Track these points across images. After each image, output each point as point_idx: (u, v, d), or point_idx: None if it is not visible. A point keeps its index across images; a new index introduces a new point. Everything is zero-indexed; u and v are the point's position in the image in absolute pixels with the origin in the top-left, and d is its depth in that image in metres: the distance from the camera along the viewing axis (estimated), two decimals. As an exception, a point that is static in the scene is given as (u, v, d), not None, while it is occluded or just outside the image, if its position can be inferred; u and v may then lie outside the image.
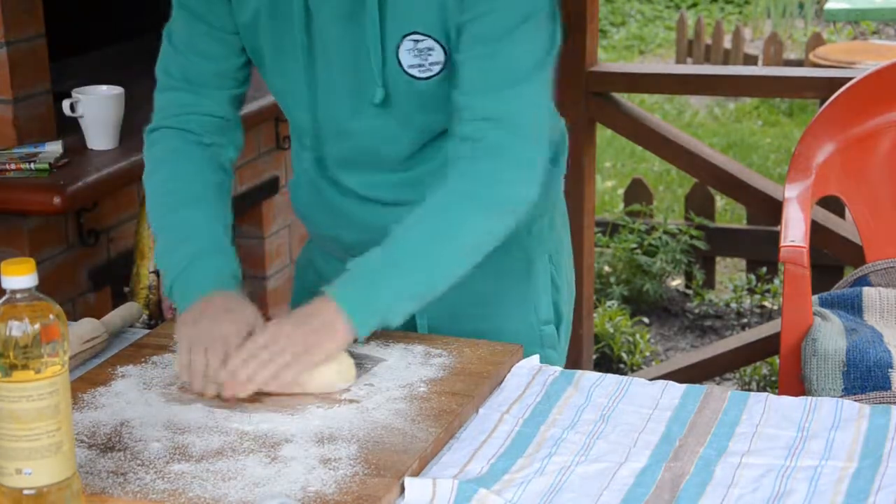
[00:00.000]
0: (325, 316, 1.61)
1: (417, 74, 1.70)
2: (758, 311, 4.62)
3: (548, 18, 1.68)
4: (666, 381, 1.67)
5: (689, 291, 4.75)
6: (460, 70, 1.67)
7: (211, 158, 1.82)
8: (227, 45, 1.79)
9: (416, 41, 1.68)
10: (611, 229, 4.82)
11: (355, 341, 1.63)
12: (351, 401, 1.59)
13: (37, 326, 1.27)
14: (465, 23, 1.65)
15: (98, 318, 1.83)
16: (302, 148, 1.86)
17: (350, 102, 1.75)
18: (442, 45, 1.68)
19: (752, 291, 4.67)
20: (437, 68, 1.69)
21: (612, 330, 4.33)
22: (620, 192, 5.36)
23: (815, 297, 2.54)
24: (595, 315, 4.18)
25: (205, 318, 1.63)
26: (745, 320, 4.57)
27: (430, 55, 1.68)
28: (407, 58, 1.69)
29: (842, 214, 3.78)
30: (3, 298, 1.29)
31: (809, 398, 1.61)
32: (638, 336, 4.34)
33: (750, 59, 7.41)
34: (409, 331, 1.78)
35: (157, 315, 2.46)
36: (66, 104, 2.60)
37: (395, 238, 1.65)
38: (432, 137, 1.77)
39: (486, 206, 1.66)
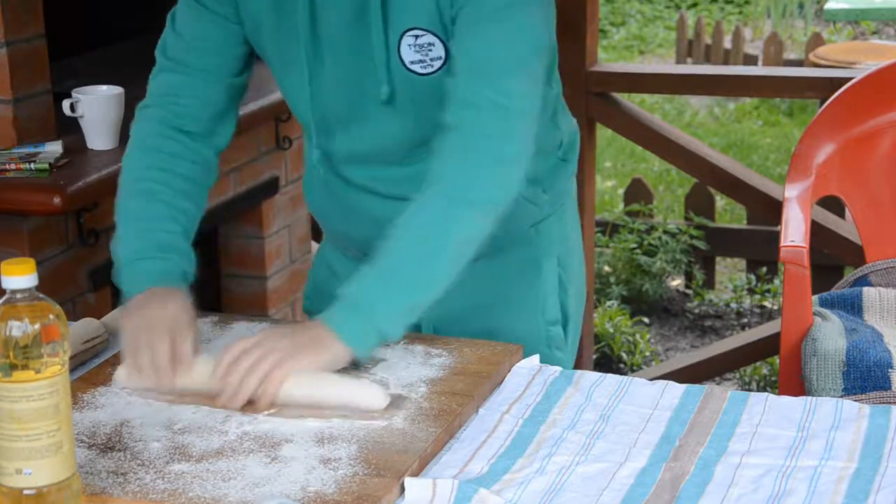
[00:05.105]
0: (317, 332, 1.59)
1: (420, 70, 1.69)
2: (758, 311, 4.61)
3: (539, 8, 1.67)
4: (666, 381, 1.67)
5: (689, 291, 4.75)
6: (452, 59, 1.67)
7: (186, 148, 1.80)
8: (229, 32, 1.79)
9: (416, 37, 1.68)
10: (611, 229, 4.82)
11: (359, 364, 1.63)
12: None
13: (37, 326, 1.28)
14: (457, 12, 1.65)
15: (98, 318, 1.83)
16: (311, 144, 1.86)
17: (355, 100, 1.74)
18: (441, 40, 1.67)
19: (752, 291, 4.67)
20: (438, 63, 1.69)
21: (612, 330, 4.33)
22: (620, 192, 5.35)
23: (815, 297, 2.53)
24: (595, 315, 4.18)
25: (145, 307, 1.63)
26: (745, 320, 4.56)
27: (430, 50, 1.68)
28: (408, 54, 1.69)
29: (842, 214, 3.78)
30: (3, 298, 1.29)
31: (809, 398, 1.61)
32: (638, 336, 4.33)
33: (750, 59, 7.40)
34: (411, 331, 1.76)
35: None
36: (66, 104, 2.60)
37: (382, 253, 1.62)
38: (439, 132, 1.76)
39: (464, 207, 1.62)
